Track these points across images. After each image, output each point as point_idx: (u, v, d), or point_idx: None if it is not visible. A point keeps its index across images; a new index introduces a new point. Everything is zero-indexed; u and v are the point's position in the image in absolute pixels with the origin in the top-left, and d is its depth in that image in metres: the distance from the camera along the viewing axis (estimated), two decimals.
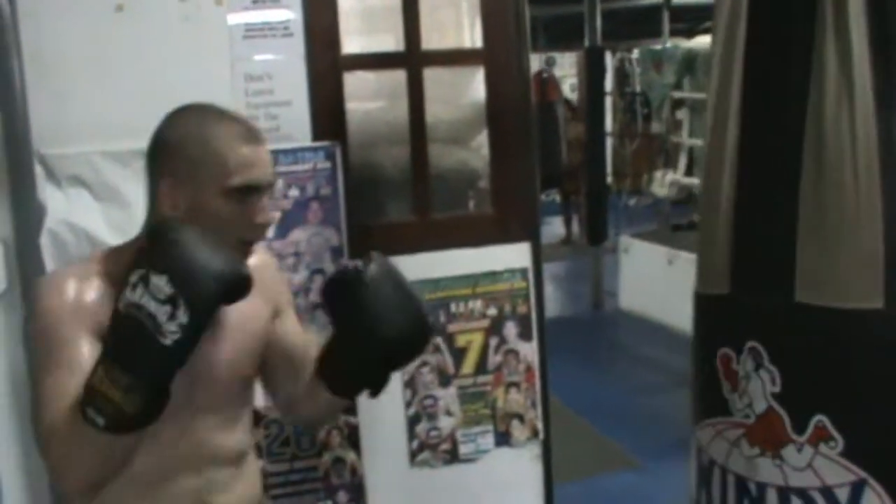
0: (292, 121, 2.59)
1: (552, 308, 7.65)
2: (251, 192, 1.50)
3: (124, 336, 1.30)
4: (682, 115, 7.31)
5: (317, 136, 2.62)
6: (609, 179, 8.50)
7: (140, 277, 1.31)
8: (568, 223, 10.22)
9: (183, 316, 1.28)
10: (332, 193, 2.61)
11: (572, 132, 9.29)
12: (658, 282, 6.56)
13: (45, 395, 1.39)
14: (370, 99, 3.01)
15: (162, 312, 1.28)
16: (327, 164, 2.61)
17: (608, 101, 8.35)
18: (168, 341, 1.28)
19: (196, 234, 1.36)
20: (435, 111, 2.88)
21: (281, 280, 1.83)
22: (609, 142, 8.36)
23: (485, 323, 2.86)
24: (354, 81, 2.75)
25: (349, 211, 2.63)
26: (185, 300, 1.29)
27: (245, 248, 1.52)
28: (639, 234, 7.59)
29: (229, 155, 1.48)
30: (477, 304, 2.85)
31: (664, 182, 7.51)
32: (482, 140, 3.10)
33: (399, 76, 2.80)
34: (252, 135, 1.52)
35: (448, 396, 2.85)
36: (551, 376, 2.96)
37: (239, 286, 1.36)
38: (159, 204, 1.50)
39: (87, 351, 1.40)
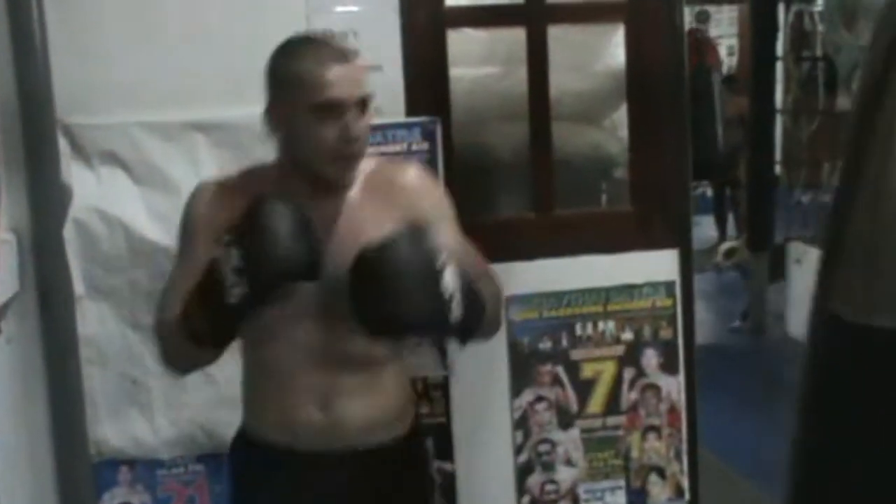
0: (382, 90, 2.62)
1: (701, 333, 7.49)
2: (335, 108, 1.87)
3: (210, 277, 1.80)
4: None
5: (412, 109, 2.69)
6: (777, 169, 8.37)
7: (229, 240, 1.78)
8: (722, 224, 10.07)
9: (243, 287, 1.77)
10: None
11: (730, 108, 9.17)
12: None
13: (167, 285, 2.01)
14: (480, 64, 3.07)
15: (231, 277, 1.77)
16: (425, 145, 2.68)
17: (779, 69, 8.23)
18: (231, 300, 1.77)
19: (283, 215, 1.80)
20: (561, 81, 2.91)
21: (423, 190, 2.09)
22: (779, 121, 8.22)
23: (618, 350, 2.90)
24: (461, 41, 2.82)
25: (454, 203, 2.68)
26: (248, 278, 1.77)
27: (343, 163, 1.92)
28: (815, 239, 7.45)
29: (313, 74, 1.87)
30: (609, 326, 2.88)
31: None
32: (620, 118, 3.12)
33: (517, 35, 2.86)
34: (338, 54, 1.91)
35: (569, 441, 2.88)
36: (700, 420, 2.96)
37: (304, 273, 1.81)
38: (272, 128, 1.95)
39: (203, 249, 1.90)
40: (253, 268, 1.77)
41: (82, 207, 2.52)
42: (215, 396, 2.55)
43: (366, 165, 1.99)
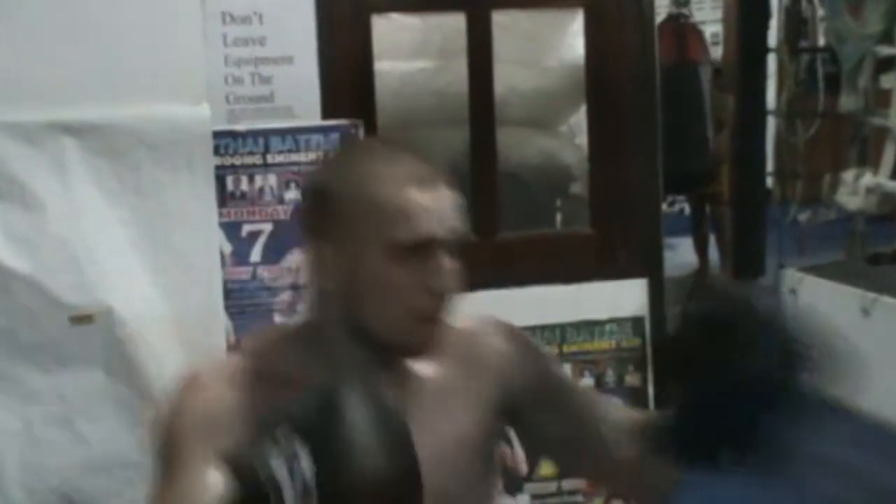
0: (293, 86, 2.65)
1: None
2: (424, 249, 1.63)
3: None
4: (889, 82, 7.26)
5: (330, 110, 2.68)
6: (769, 181, 8.46)
7: (288, 445, 1.43)
8: (702, 247, 10.16)
9: None
10: None
11: (714, 109, 9.25)
12: (846, 342, 6.51)
13: None
14: (411, 57, 3.06)
15: (289, 497, 1.42)
16: None
17: (772, 62, 8.33)
18: None
19: (374, 408, 1.48)
20: (508, 77, 2.92)
21: (515, 349, 1.89)
22: (772, 124, 8.31)
23: None
24: (388, 30, 2.81)
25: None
26: (322, 496, 1.42)
27: (427, 327, 1.66)
28: (815, 266, 7.52)
29: (393, 202, 1.62)
30: (566, 370, 2.87)
31: (857, 187, 7.45)
32: (578, 123, 3.13)
33: (455, 23, 2.85)
34: (426, 175, 1.67)
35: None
36: (682, 486, 2.96)
37: (404, 493, 1.49)
38: (316, 275, 1.69)
39: (210, 481, 1.59)
40: (333, 488, 1.45)
41: None
42: (85, 460, 2.51)
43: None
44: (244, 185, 2.61)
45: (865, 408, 6.09)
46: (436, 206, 1.64)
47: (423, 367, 1.72)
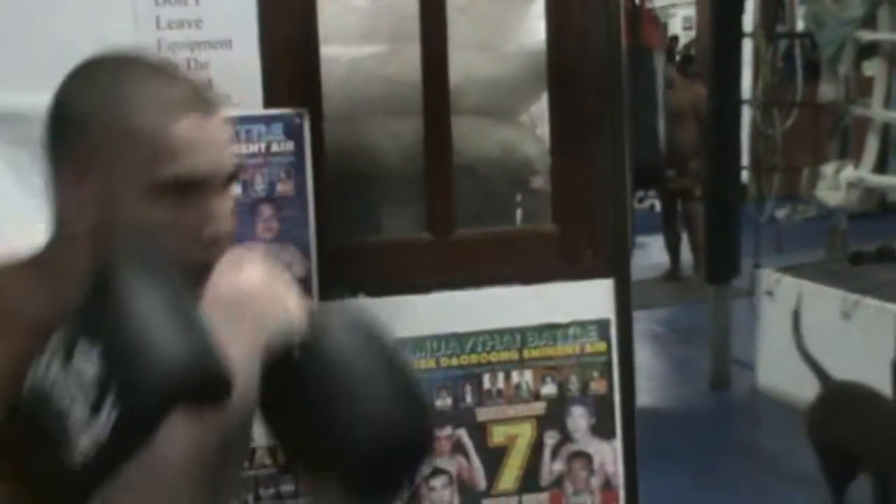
0: (233, 73, 2.64)
1: (647, 387, 7.57)
2: (194, 187, 1.53)
3: (18, 432, 1.35)
4: (872, 70, 7.30)
5: (272, 98, 2.67)
6: (745, 176, 8.50)
7: (62, 343, 1.35)
8: (673, 246, 10.22)
9: (105, 423, 1.30)
10: (294, 192, 2.66)
11: (684, 97, 9.29)
12: (826, 347, 6.53)
13: None
14: (360, 41, 3.05)
15: (79, 410, 1.31)
16: (288, 145, 2.66)
17: (747, 48, 8.36)
18: (75, 462, 1.30)
19: (162, 285, 1.42)
20: (465, 64, 2.92)
21: (276, 297, 1.84)
22: (747, 114, 8.36)
23: (538, 408, 2.90)
24: (335, 12, 2.81)
25: (322, 221, 2.67)
26: (118, 395, 1.31)
27: (196, 277, 1.57)
28: (793, 266, 7.56)
29: (157, 131, 1.51)
30: (526, 377, 2.89)
31: (838, 182, 7.49)
32: (539, 112, 3.13)
33: (407, 5, 2.85)
34: (196, 99, 1.57)
35: None
36: (643, 499, 2.97)
37: (211, 387, 1.43)
38: (60, 207, 1.57)
39: None
40: (127, 372, 1.34)
41: None
42: None
43: None
44: None
45: None
46: (205, 136, 1.54)
47: None
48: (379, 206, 3.08)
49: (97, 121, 1.53)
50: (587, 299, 2.92)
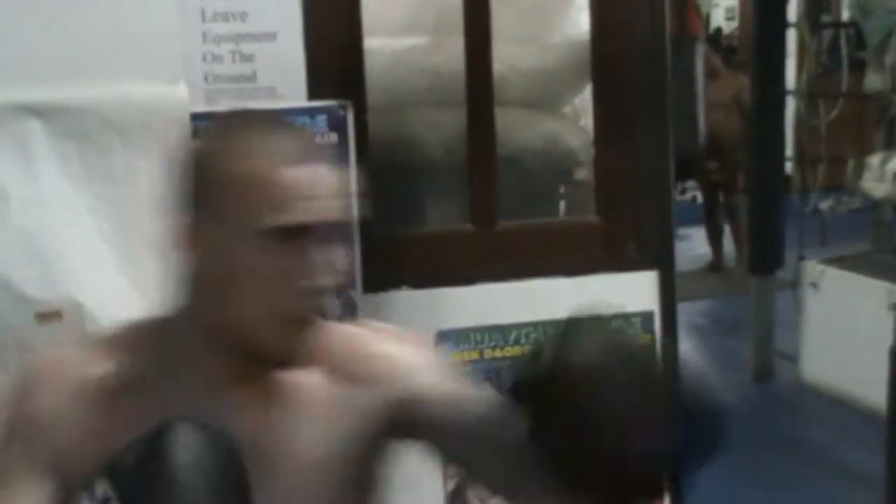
0: (276, 66, 2.65)
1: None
2: (296, 236, 1.57)
3: None
4: None
5: (316, 90, 2.67)
6: (788, 167, 8.46)
7: (103, 495, 1.40)
8: (716, 238, 10.17)
9: None
10: None
11: (727, 88, 9.24)
12: (871, 339, 6.49)
13: None
14: (403, 33, 3.05)
15: None
16: (332, 137, 2.66)
17: (791, 39, 8.32)
18: None
19: (205, 458, 1.43)
20: (508, 55, 2.91)
21: (393, 364, 1.79)
22: (791, 105, 8.31)
23: None
24: (379, 4, 2.80)
25: (366, 214, 2.67)
26: None
27: (294, 331, 1.59)
28: (838, 258, 7.52)
29: (266, 180, 1.56)
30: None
31: (883, 173, 7.44)
32: (583, 104, 3.12)
33: None
34: (304, 151, 1.62)
35: None
36: (689, 493, 2.95)
37: None
38: (173, 253, 1.63)
39: (27, 489, 1.57)
40: None
41: None
42: None
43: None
44: None
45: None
46: (312, 188, 1.57)
47: (293, 377, 1.65)
48: (422, 197, 3.08)
49: (212, 168, 1.59)
50: (631, 291, 2.90)
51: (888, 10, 7.37)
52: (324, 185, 1.59)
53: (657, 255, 2.92)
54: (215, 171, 1.58)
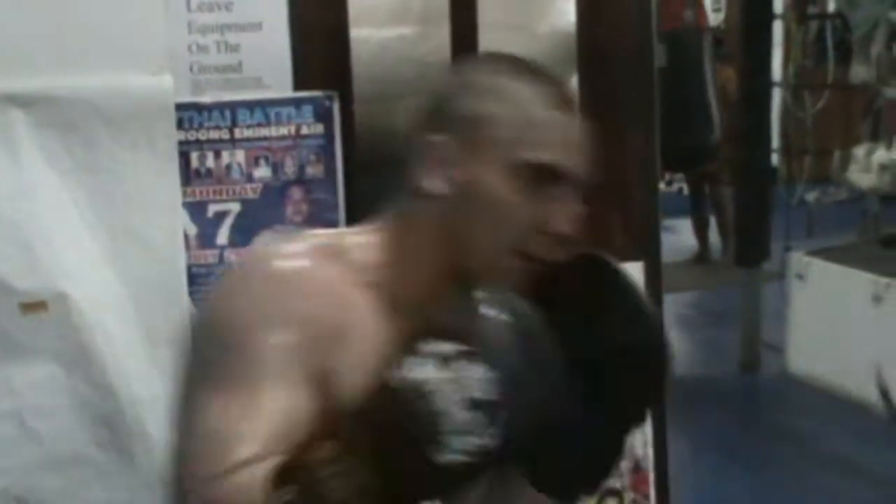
0: (263, 55, 2.64)
1: (677, 369, 7.49)
2: (554, 179, 1.60)
3: (386, 426, 1.40)
4: None
5: (302, 81, 2.67)
6: (775, 159, 8.47)
7: (444, 354, 1.40)
8: (702, 230, 10.19)
9: (483, 440, 1.38)
10: (325, 175, 2.66)
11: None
12: (856, 330, 6.52)
13: (208, 432, 1.49)
14: (390, 23, 3.04)
15: (458, 416, 1.37)
16: (318, 128, 2.66)
17: (778, 30, 8.32)
18: (443, 460, 1.37)
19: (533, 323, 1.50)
20: (495, 45, 2.89)
21: None
22: (777, 96, 8.32)
23: None
24: None
25: (352, 205, 2.66)
26: (507, 418, 1.39)
27: (521, 269, 1.61)
28: (824, 249, 7.53)
29: (532, 116, 1.61)
30: None
31: (869, 164, 7.46)
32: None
33: None
34: (566, 98, 1.67)
35: None
36: (673, 483, 2.96)
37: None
38: (423, 172, 1.65)
39: (285, 395, 1.49)
40: (523, 394, 1.42)
41: None
42: (37, 459, 2.49)
43: None
44: (210, 162, 2.59)
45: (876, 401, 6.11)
46: (571, 134, 1.64)
47: None
48: None
49: (478, 96, 1.63)
50: None
51: (874, 0, 7.38)
52: (581, 137, 1.66)
53: (644, 246, 2.91)
54: (486, 99, 1.62)
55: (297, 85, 2.66)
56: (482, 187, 1.59)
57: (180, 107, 2.54)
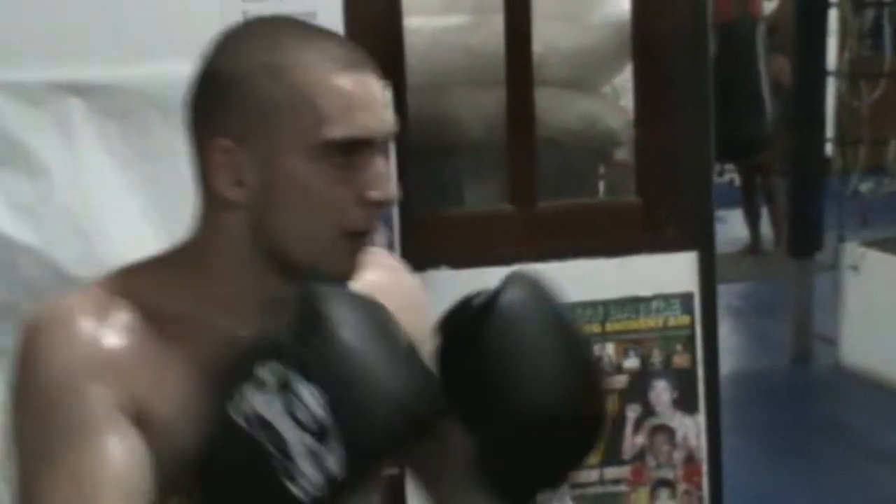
0: None
1: (728, 361, 7.50)
2: (359, 148, 1.46)
3: (226, 463, 1.32)
4: None
5: None
6: (829, 149, 8.41)
7: (275, 377, 1.30)
8: (754, 221, 10.13)
9: (333, 462, 1.27)
10: None
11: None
12: None
13: None
14: (443, 12, 3.05)
15: (299, 444, 1.28)
16: None
17: (832, 18, 8.27)
18: (299, 492, 1.27)
19: (369, 315, 1.37)
20: (547, 34, 2.91)
21: (416, 312, 1.75)
22: (832, 86, 8.26)
23: (620, 381, 2.90)
24: None
25: (405, 194, 2.66)
26: (347, 440, 1.29)
27: (354, 246, 1.50)
28: (878, 240, 7.47)
29: (320, 90, 1.44)
30: (608, 350, 2.88)
31: None
32: (623, 84, 3.11)
33: None
34: (355, 59, 1.50)
35: (556, 500, 2.87)
36: (727, 473, 2.95)
37: (427, 422, 1.38)
38: (212, 179, 1.49)
39: (115, 445, 1.41)
40: (359, 418, 1.30)
41: None
42: None
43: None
44: None
45: None
46: (368, 94, 1.46)
47: None
48: (461, 177, 3.08)
49: (255, 83, 1.46)
50: (670, 272, 2.90)
51: None
52: (377, 94, 1.49)
53: (697, 236, 2.92)
54: (257, 85, 1.45)
55: None
56: (284, 183, 1.45)
57: None
